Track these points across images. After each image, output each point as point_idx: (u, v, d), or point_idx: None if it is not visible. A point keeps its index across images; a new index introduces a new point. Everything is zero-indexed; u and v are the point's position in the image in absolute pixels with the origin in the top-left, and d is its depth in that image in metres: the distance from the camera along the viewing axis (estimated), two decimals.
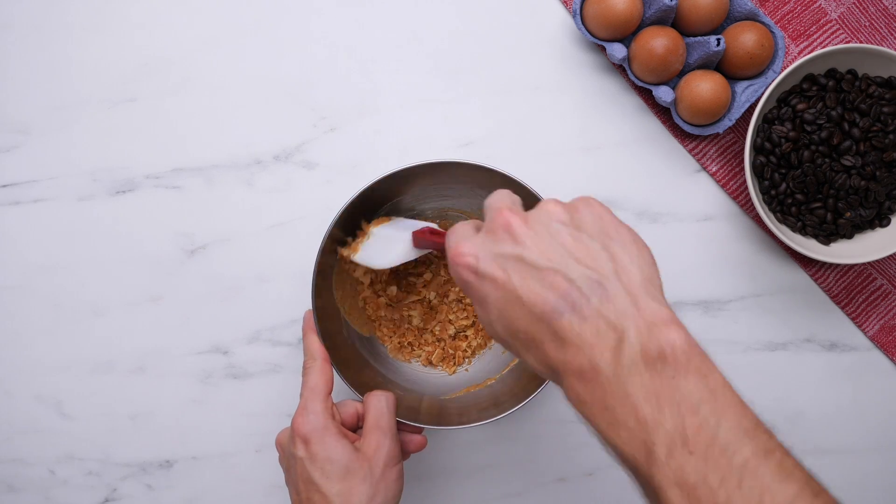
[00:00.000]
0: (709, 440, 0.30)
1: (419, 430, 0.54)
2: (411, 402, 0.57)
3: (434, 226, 0.51)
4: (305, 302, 0.63)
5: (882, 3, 0.64)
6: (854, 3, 0.64)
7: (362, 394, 0.53)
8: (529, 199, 0.54)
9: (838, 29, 0.64)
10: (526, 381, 0.56)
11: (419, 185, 0.57)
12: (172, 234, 0.64)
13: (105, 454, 0.64)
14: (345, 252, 0.55)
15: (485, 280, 0.36)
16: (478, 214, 0.60)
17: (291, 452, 0.49)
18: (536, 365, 0.35)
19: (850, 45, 0.58)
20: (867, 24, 0.64)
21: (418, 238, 0.50)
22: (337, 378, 0.53)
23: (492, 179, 0.53)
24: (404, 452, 0.53)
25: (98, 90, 0.63)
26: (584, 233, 0.35)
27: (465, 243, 0.37)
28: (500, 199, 0.38)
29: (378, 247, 0.53)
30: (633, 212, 0.64)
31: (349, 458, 0.47)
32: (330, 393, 0.51)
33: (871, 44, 0.62)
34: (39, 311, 0.64)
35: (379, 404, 0.50)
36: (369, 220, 0.56)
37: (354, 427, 0.52)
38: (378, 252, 0.53)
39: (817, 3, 0.64)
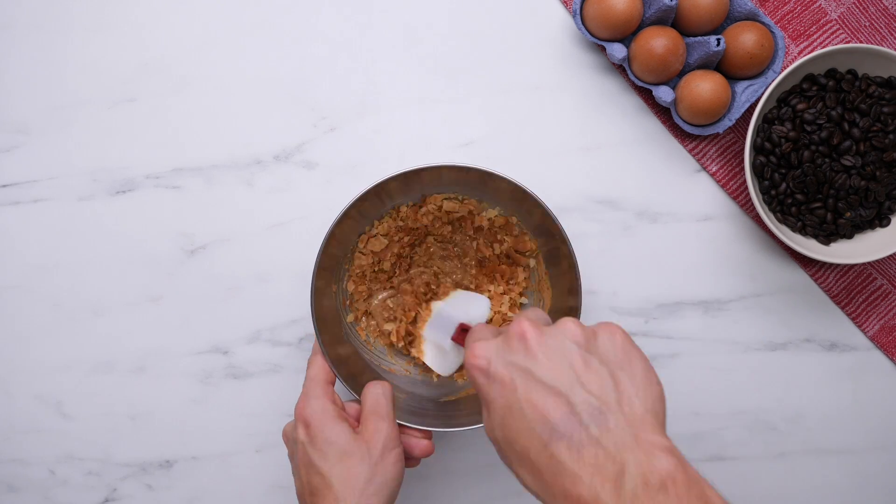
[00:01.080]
0: None
1: (426, 436, 0.54)
2: (413, 405, 0.57)
3: (465, 318, 0.54)
4: (305, 302, 0.63)
5: (882, 3, 0.64)
6: (854, 3, 0.64)
7: (359, 393, 0.54)
8: (528, 201, 0.54)
9: (838, 29, 0.64)
10: None
11: (421, 185, 0.57)
12: (172, 234, 0.64)
13: (105, 454, 0.64)
14: (415, 353, 0.59)
15: (493, 383, 0.37)
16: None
17: (294, 438, 0.50)
18: (532, 486, 0.35)
19: (850, 45, 0.58)
20: (867, 24, 0.64)
21: (458, 341, 0.54)
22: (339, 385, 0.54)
23: (498, 183, 0.54)
24: (412, 458, 0.53)
25: (98, 90, 0.63)
26: (595, 357, 0.36)
27: (480, 345, 0.38)
28: (526, 312, 0.39)
29: (433, 353, 0.57)
30: (633, 212, 0.64)
31: (347, 439, 0.48)
32: (331, 382, 0.52)
33: (871, 44, 0.62)
34: (39, 311, 0.64)
35: (375, 391, 0.51)
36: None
37: (358, 421, 0.52)
38: (436, 359, 0.57)
39: (817, 3, 0.64)
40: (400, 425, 0.53)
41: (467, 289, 0.62)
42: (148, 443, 0.64)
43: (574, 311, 0.55)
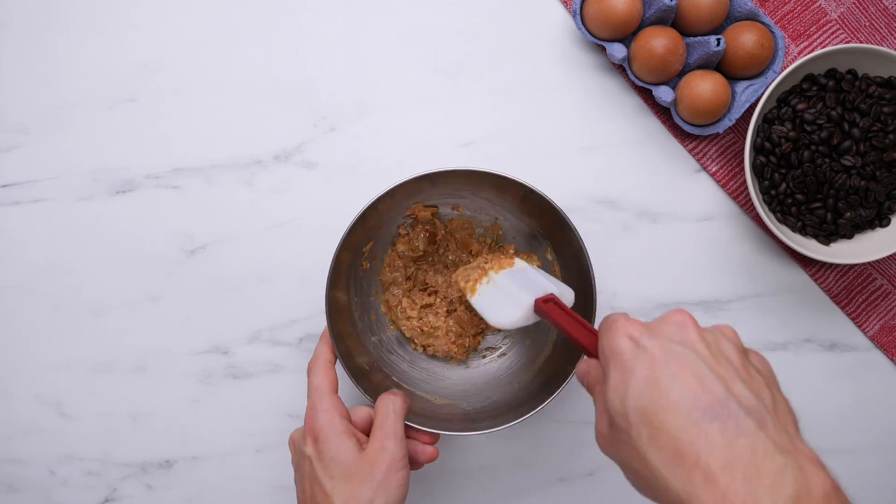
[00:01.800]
0: None
1: (433, 440, 0.54)
2: (423, 406, 0.57)
3: (557, 293, 0.49)
4: (305, 302, 0.64)
5: (882, 3, 0.64)
6: (854, 3, 0.64)
7: (373, 396, 0.53)
8: (541, 202, 0.54)
9: (838, 29, 0.64)
10: (537, 389, 0.56)
11: (439, 189, 0.57)
12: (172, 234, 0.64)
13: (105, 454, 0.64)
14: (461, 282, 0.55)
15: (642, 354, 0.35)
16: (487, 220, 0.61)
17: (302, 450, 0.49)
18: (657, 462, 0.33)
19: (850, 45, 0.58)
20: (867, 24, 0.64)
21: (542, 307, 0.48)
22: (348, 382, 0.54)
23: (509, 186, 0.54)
24: (416, 462, 0.53)
25: (98, 90, 0.63)
26: (751, 366, 0.36)
27: (632, 321, 0.37)
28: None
29: (496, 299, 0.52)
30: (633, 212, 0.64)
31: (353, 459, 0.48)
32: (335, 391, 0.51)
33: (871, 44, 0.62)
34: (39, 311, 0.64)
35: (386, 407, 0.51)
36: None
37: (367, 431, 0.52)
38: (495, 305, 0.52)
39: (817, 3, 0.64)
40: (407, 426, 0.52)
41: None
42: (148, 443, 0.64)
43: (588, 317, 0.54)
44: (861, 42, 0.64)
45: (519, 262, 0.55)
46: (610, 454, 0.37)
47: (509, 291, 0.51)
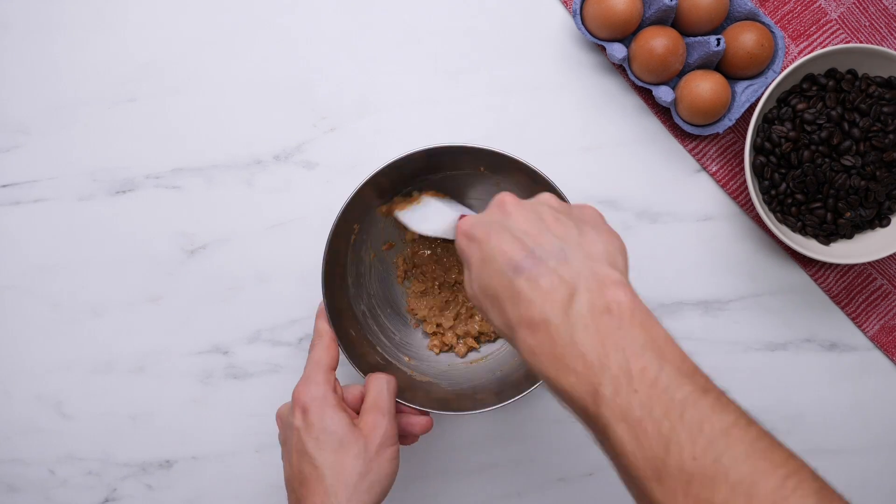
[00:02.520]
0: (652, 380, 0.33)
1: (424, 414, 0.54)
2: (401, 379, 0.57)
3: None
4: (305, 302, 0.64)
5: (882, 3, 0.64)
6: (854, 3, 0.64)
7: (366, 374, 0.53)
8: (538, 185, 0.55)
9: (838, 29, 0.64)
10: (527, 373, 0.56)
11: (431, 171, 0.57)
12: (172, 234, 0.64)
13: (105, 454, 0.64)
14: (384, 208, 0.57)
15: (472, 242, 0.41)
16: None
17: (290, 423, 0.49)
18: (497, 322, 0.38)
19: (850, 45, 0.58)
20: (867, 24, 0.64)
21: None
22: (344, 362, 0.54)
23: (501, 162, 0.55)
24: (412, 435, 0.53)
25: (98, 90, 0.63)
26: (565, 215, 0.40)
27: (468, 218, 0.43)
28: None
29: (425, 213, 0.55)
30: (633, 212, 0.64)
31: (345, 431, 0.47)
32: (334, 368, 0.51)
33: (871, 44, 0.62)
34: (39, 311, 0.64)
35: (379, 385, 0.51)
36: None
37: (357, 410, 0.52)
38: (422, 218, 0.54)
39: (817, 3, 0.64)
40: (398, 403, 0.52)
41: None
42: (148, 443, 0.64)
43: None
44: (861, 42, 0.64)
45: (424, 198, 0.58)
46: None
47: (439, 209, 0.54)
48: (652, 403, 0.32)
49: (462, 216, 0.51)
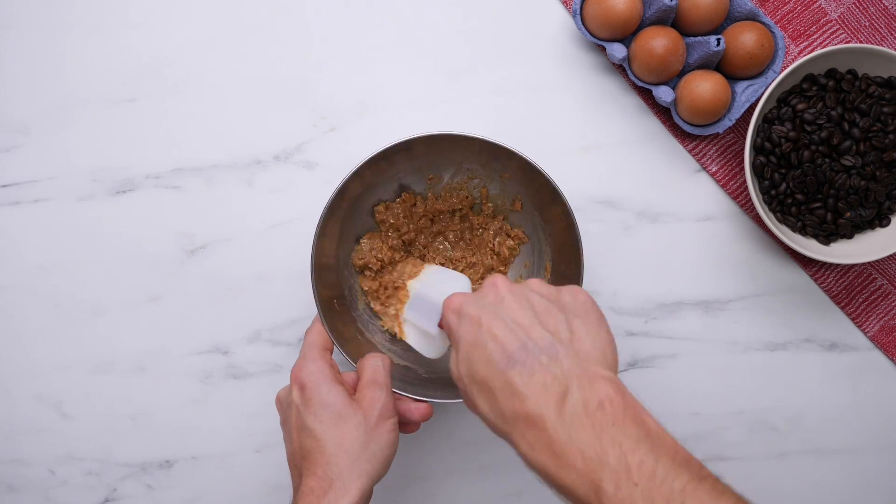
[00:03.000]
0: (650, 473, 0.34)
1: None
2: (410, 377, 0.58)
3: (454, 290, 0.51)
4: (305, 302, 0.63)
5: (882, 3, 0.64)
6: (854, 3, 0.64)
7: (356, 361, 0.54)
8: (533, 173, 0.55)
9: (838, 29, 0.64)
10: None
11: (419, 159, 0.58)
12: (172, 234, 0.64)
13: (105, 454, 0.64)
14: (388, 326, 0.60)
15: (463, 321, 0.41)
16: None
17: (288, 402, 0.50)
18: (487, 411, 0.39)
19: (850, 45, 0.58)
20: (867, 24, 0.64)
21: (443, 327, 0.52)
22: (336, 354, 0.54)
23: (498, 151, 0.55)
24: (412, 422, 0.53)
25: (98, 90, 0.63)
26: (555, 306, 0.41)
27: (457, 295, 0.43)
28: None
29: (421, 338, 0.56)
30: (633, 212, 0.64)
31: (343, 403, 0.48)
32: (329, 349, 0.52)
33: (871, 44, 0.62)
34: (39, 311, 0.64)
35: (374, 362, 0.51)
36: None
37: (354, 391, 0.52)
38: (424, 343, 0.56)
39: (817, 3, 0.64)
40: (395, 393, 0.52)
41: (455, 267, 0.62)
42: (148, 443, 0.64)
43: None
44: (861, 42, 0.64)
45: (411, 287, 0.58)
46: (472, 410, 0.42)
47: (421, 328, 0.55)
48: (653, 496, 0.33)
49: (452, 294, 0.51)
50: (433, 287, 0.56)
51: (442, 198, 0.62)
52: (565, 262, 0.58)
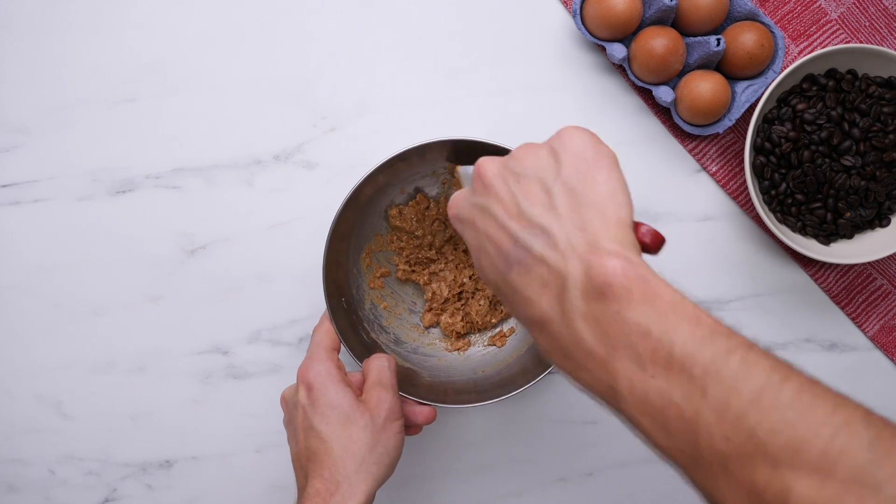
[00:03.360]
0: (665, 360, 0.30)
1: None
2: (413, 379, 0.58)
3: None
4: (305, 302, 0.64)
5: (882, 3, 0.64)
6: (854, 3, 0.64)
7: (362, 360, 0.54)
8: None
9: (838, 29, 0.64)
10: (527, 367, 0.57)
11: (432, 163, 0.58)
12: (172, 234, 0.64)
13: (105, 454, 0.64)
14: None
15: (465, 227, 0.38)
16: None
17: (294, 402, 0.49)
18: (516, 318, 0.37)
19: (850, 45, 0.58)
20: (867, 24, 0.64)
21: None
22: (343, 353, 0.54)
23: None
24: (415, 425, 0.53)
25: (98, 90, 0.63)
26: (546, 167, 0.35)
27: (455, 198, 0.40)
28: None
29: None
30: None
31: (351, 405, 0.47)
32: (336, 349, 0.52)
33: (871, 44, 0.62)
34: (39, 311, 0.64)
35: (380, 363, 0.51)
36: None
37: (360, 392, 0.52)
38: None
39: (817, 3, 0.64)
40: (401, 395, 0.52)
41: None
42: (148, 443, 0.64)
43: None
44: (861, 42, 0.64)
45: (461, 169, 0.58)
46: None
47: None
48: (670, 388, 0.29)
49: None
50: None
51: None
52: None
